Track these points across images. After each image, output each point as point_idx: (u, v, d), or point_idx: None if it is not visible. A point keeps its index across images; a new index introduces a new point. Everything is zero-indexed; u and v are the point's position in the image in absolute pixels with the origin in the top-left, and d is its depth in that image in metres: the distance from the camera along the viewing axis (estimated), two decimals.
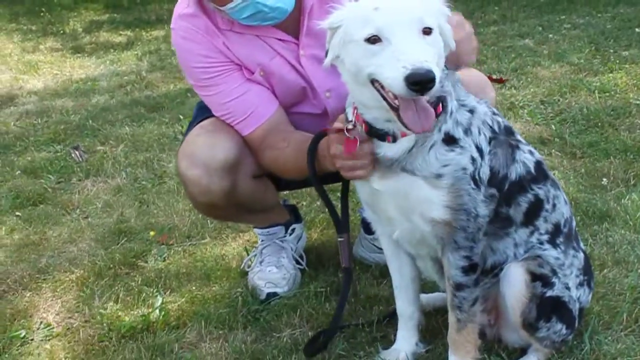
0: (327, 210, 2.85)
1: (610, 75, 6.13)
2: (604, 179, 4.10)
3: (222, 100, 3.00)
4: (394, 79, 2.07)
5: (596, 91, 5.66)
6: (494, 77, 6.29)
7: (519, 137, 2.51)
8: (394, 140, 2.35)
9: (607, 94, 5.63)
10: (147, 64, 8.25)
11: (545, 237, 2.52)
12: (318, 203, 4.13)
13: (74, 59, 8.76)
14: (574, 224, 2.65)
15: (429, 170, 2.32)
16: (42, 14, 11.89)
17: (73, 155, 5.32)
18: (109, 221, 4.15)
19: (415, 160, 2.33)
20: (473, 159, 2.33)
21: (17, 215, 4.33)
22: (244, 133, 3.00)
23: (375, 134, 2.38)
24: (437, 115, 2.30)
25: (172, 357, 2.87)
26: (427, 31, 2.19)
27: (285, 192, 4.25)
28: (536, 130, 5.00)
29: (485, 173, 2.35)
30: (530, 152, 2.52)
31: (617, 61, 6.51)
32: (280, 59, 2.97)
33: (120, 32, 10.19)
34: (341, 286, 3.22)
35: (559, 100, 5.60)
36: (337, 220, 2.77)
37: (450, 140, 2.33)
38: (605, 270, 3.15)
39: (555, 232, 2.54)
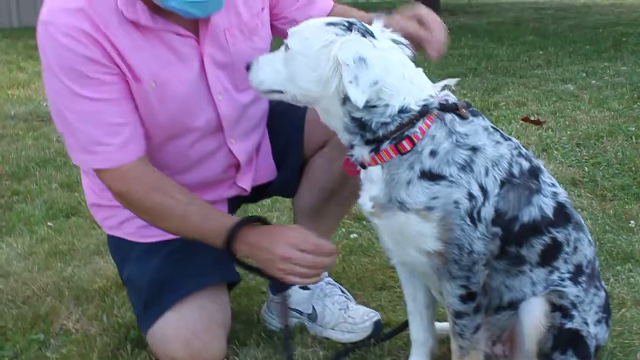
0: None
1: None
2: (632, 222, 4.07)
3: (100, 120, 2.56)
4: None
5: (633, 137, 5.62)
6: (532, 118, 6.31)
7: (544, 179, 2.46)
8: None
9: None
10: None
11: (566, 276, 2.50)
12: (343, 230, 4.16)
13: None
14: (597, 264, 2.63)
15: (418, 200, 2.32)
16: None
17: None
18: None
19: (400, 191, 2.35)
20: (471, 196, 2.31)
21: (49, 226, 4.42)
22: (118, 163, 2.59)
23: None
24: (403, 154, 2.33)
25: None
26: None
27: None
28: (569, 171, 4.97)
29: (488, 213, 2.33)
30: (554, 194, 2.47)
31: None
32: (172, 68, 2.64)
33: None
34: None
35: (595, 144, 5.57)
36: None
37: (432, 176, 2.32)
38: (624, 310, 3.12)
39: (577, 272, 2.51)
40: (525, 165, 2.42)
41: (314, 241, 2.53)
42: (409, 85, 2.32)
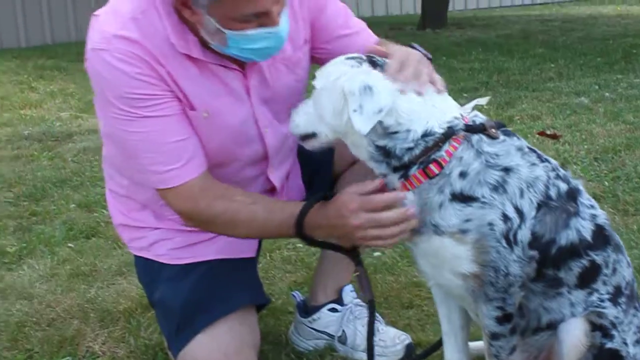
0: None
1: None
2: None
3: (163, 138, 2.53)
4: None
5: None
6: (548, 132, 6.30)
7: (582, 201, 2.42)
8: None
9: None
10: None
11: (606, 297, 2.47)
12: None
13: None
14: (635, 285, 2.60)
15: (451, 223, 2.32)
16: None
17: None
18: None
19: (433, 215, 2.34)
20: (506, 217, 2.29)
21: (70, 247, 4.41)
22: (184, 179, 2.57)
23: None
24: (432, 178, 2.32)
25: None
26: None
27: None
28: (589, 186, 4.94)
29: (525, 236, 2.32)
30: (593, 216, 2.43)
31: None
32: (224, 100, 2.66)
33: None
34: None
35: (612, 157, 5.56)
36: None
37: (464, 198, 2.32)
38: None
39: (616, 294, 2.48)
40: (563, 187, 2.39)
41: (373, 203, 2.42)
42: (430, 109, 2.33)
